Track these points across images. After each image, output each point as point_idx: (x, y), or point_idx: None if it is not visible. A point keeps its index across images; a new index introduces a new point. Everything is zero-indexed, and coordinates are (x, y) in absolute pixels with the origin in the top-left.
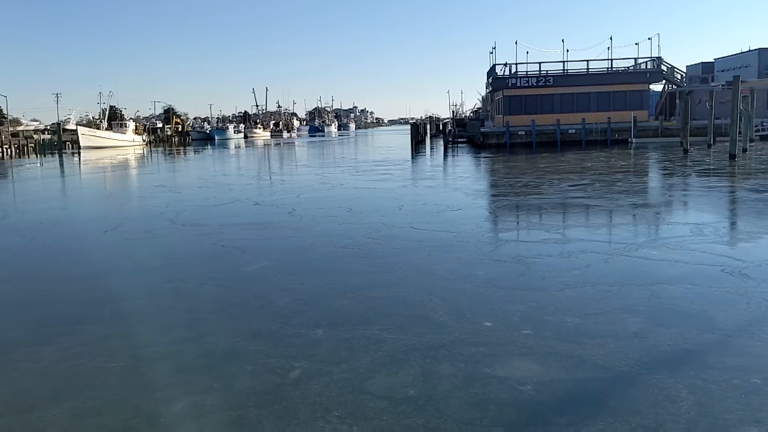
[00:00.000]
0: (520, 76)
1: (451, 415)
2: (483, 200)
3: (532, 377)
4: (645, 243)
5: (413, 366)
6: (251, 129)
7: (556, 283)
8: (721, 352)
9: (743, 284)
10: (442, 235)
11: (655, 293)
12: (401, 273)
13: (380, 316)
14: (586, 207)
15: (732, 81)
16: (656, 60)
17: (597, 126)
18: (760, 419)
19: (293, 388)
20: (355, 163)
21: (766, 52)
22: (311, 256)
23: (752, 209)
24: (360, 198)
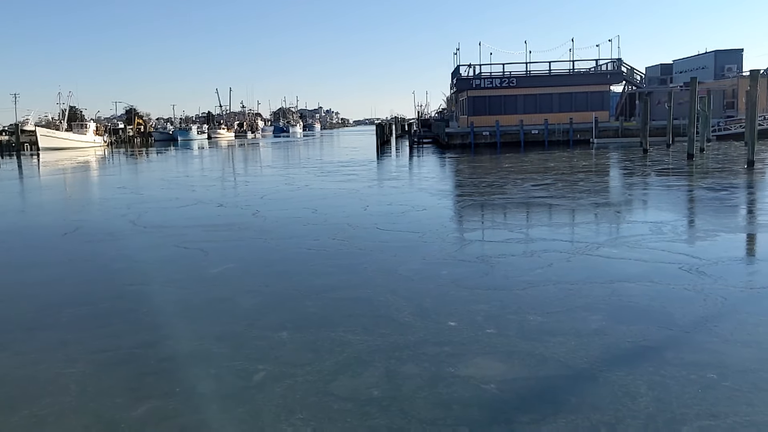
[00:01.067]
0: (484, 77)
1: (415, 416)
2: (448, 200)
3: (495, 376)
4: (606, 242)
5: (378, 367)
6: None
7: (520, 282)
8: (679, 348)
9: (700, 281)
10: (407, 235)
11: (615, 291)
12: (366, 274)
13: (345, 317)
14: (548, 206)
15: (690, 82)
16: (616, 61)
17: (559, 126)
18: (716, 413)
19: (257, 390)
20: (321, 164)
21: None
22: (276, 258)
23: (709, 207)
24: (325, 199)
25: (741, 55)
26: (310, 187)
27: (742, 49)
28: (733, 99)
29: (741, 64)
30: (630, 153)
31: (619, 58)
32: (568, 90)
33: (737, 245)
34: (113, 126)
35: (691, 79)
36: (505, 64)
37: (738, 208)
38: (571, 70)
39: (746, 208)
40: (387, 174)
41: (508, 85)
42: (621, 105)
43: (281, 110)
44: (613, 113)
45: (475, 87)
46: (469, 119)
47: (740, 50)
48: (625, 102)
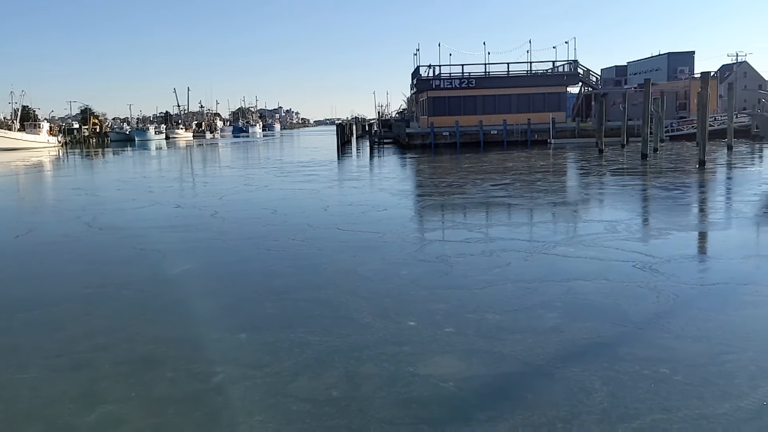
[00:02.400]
0: (443, 78)
1: (374, 415)
2: (408, 200)
3: (454, 374)
4: (562, 241)
5: (337, 367)
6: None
7: (478, 282)
8: (632, 345)
9: (653, 279)
10: (367, 235)
11: (571, 289)
12: (326, 275)
13: (304, 318)
14: (507, 206)
15: (643, 84)
16: (573, 63)
17: (518, 127)
18: (668, 407)
19: (215, 393)
20: (280, 164)
21: (675, 56)
22: (234, 259)
23: (662, 206)
24: (285, 199)
25: (692, 57)
26: (269, 187)
27: (694, 51)
28: (686, 100)
29: (693, 66)
30: (586, 153)
31: (575, 59)
32: (526, 91)
33: (689, 243)
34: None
35: (644, 80)
36: (464, 65)
37: (690, 206)
38: (529, 72)
39: (698, 207)
40: (347, 174)
41: (467, 86)
42: (577, 106)
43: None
44: (570, 114)
45: (435, 88)
46: (429, 120)
47: (692, 53)
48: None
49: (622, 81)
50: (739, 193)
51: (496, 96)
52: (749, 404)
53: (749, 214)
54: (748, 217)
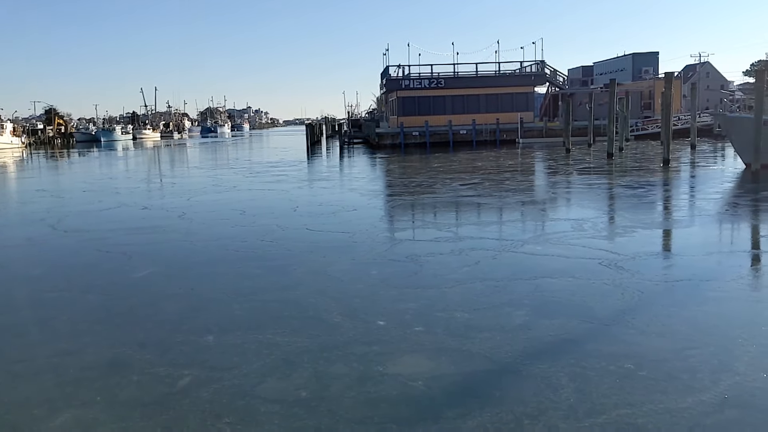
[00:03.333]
0: (413, 78)
1: (343, 415)
2: (378, 200)
3: (423, 373)
4: (530, 239)
5: (306, 368)
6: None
7: (448, 280)
8: (598, 341)
9: (619, 276)
10: (337, 236)
11: (538, 287)
12: (295, 275)
13: (273, 319)
14: (476, 205)
15: (609, 84)
16: (540, 63)
17: (487, 127)
18: (633, 402)
19: (182, 396)
20: (249, 165)
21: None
22: (202, 261)
23: (627, 204)
24: (254, 200)
25: (657, 57)
26: (238, 188)
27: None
28: (650, 100)
29: (657, 66)
30: (554, 152)
31: (543, 60)
32: (495, 91)
33: (653, 240)
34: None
35: (610, 80)
36: (433, 65)
37: (654, 205)
38: (497, 72)
39: (662, 205)
40: (317, 174)
41: (436, 86)
42: (545, 106)
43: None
44: (538, 114)
45: (404, 87)
46: (398, 119)
47: (656, 53)
48: (548, 103)
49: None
50: (702, 191)
51: (465, 96)
52: (711, 398)
53: (712, 211)
54: (710, 214)
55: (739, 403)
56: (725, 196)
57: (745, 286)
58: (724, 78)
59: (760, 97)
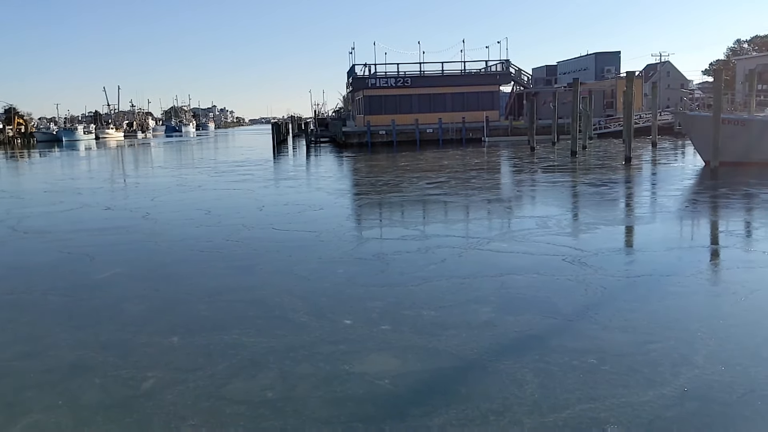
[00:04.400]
0: (379, 77)
1: (309, 415)
2: (345, 199)
3: (389, 371)
4: (496, 236)
5: (272, 368)
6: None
7: (414, 278)
8: (562, 336)
9: (582, 272)
10: (303, 235)
11: (504, 284)
12: (261, 275)
13: (239, 319)
14: (443, 203)
15: (572, 83)
16: (505, 63)
17: (453, 125)
18: (596, 397)
19: (146, 399)
20: (215, 164)
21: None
22: (167, 261)
23: (590, 202)
24: (219, 200)
25: (619, 57)
26: (203, 187)
27: (620, 51)
28: (613, 99)
29: (619, 65)
30: (519, 151)
31: (507, 59)
32: (461, 90)
33: (616, 237)
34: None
35: (573, 80)
36: (399, 64)
37: (616, 202)
38: (463, 71)
39: (624, 202)
40: (283, 173)
41: (403, 85)
42: (510, 105)
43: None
44: (503, 113)
45: (370, 86)
46: (365, 118)
47: (618, 53)
48: (513, 102)
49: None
50: (663, 189)
51: (431, 95)
52: (671, 391)
53: (672, 208)
54: (671, 211)
55: (698, 396)
56: (685, 193)
57: (704, 281)
58: (684, 77)
59: (719, 96)
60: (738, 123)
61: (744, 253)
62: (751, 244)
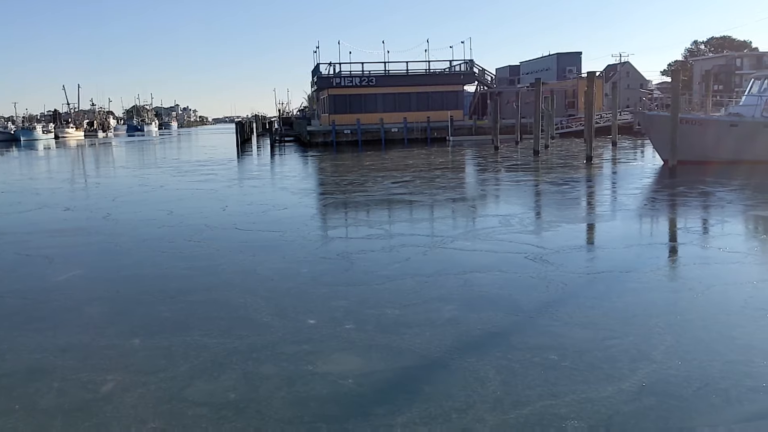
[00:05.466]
0: (344, 76)
1: (272, 416)
2: (309, 199)
3: (353, 371)
4: (460, 235)
5: (235, 369)
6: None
7: (378, 277)
8: (524, 333)
9: (544, 269)
10: (267, 234)
11: (467, 282)
12: (224, 275)
13: (201, 320)
14: (408, 203)
15: (535, 83)
16: (469, 63)
17: (418, 125)
18: (556, 393)
19: (105, 402)
20: (177, 164)
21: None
22: (128, 262)
23: (552, 200)
24: (182, 200)
25: (580, 57)
26: (165, 187)
27: (581, 52)
28: (574, 99)
29: (580, 65)
30: (483, 150)
31: (471, 59)
32: (425, 89)
33: (577, 235)
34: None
35: (535, 80)
36: (364, 63)
37: (578, 200)
38: (427, 71)
39: (585, 201)
40: (247, 173)
41: (367, 84)
42: (474, 104)
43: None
44: (467, 112)
45: (335, 85)
46: (330, 117)
47: (579, 53)
48: (477, 101)
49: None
50: (622, 187)
51: (396, 94)
52: (630, 386)
53: (632, 206)
54: (630, 209)
55: (656, 391)
56: (644, 192)
57: (662, 277)
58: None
59: (676, 96)
60: (695, 123)
61: (701, 250)
62: (707, 241)
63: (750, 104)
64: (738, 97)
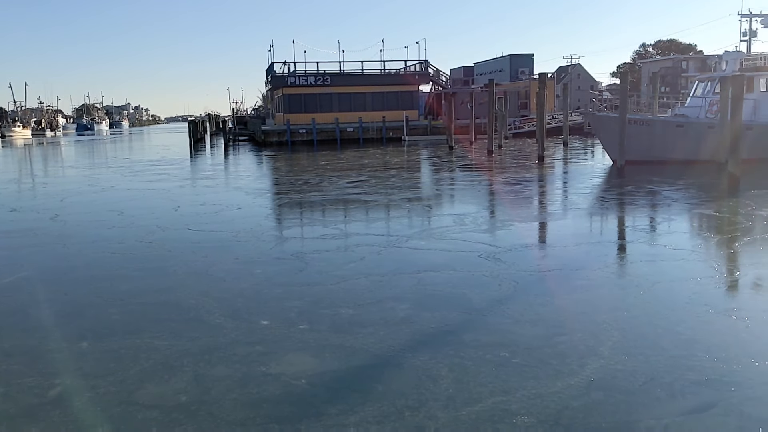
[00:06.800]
0: (299, 75)
1: (224, 418)
2: (264, 199)
3: (306, 371)
4: (414, 234)
5: (186, 372)
6: (8, 128)
7: (333, 277)
8: (476, 331)
9: (496, 267)
10: (220, 235)
11: (421, 281)
12: (176, 277)
13: (152, 323)
14: (363, 202)
15: (488, 84)
16: (423, 63)
17: (373, 125)
18: (507, 389)
19: (52, 407)
20: (129, 163)
21: (517, 58)
22: (76, 264)
23: (505, 199)
24: (133, 200)
25: (532, 59)
26: (116, 188)
27: (533, 53)
28: (527, 99)
29: (532, 67)
30: (438, 150)
31: (426, 60)
32: (380, 89)
33: (529, 233)
34: None
35: (489, 81)
36: (319, 62)
37: (530, 199)
38: (383, 71)
39: (537, 200)
40: (200, 173)
41: (323, 84)
42: (429, 104)
43: (85, 106)
44: (422, 112)
45: (290, 84)
46: (285, 117)
47: (531, 55)
48: (432, 101)
49: (469, 81)
50: (573, 187)
51: (351, 94)
52: (578, 381)
53: (582, 205)
54: (581, 208)
55: (603, 386)
56: (594, 191)
57: (610, 274)
58: (593, 79)
59: (624, 97)
60: (643, 123)
61: (647, 247)
62: (654, 238)
63: (695, 105)
64: (684, 99)
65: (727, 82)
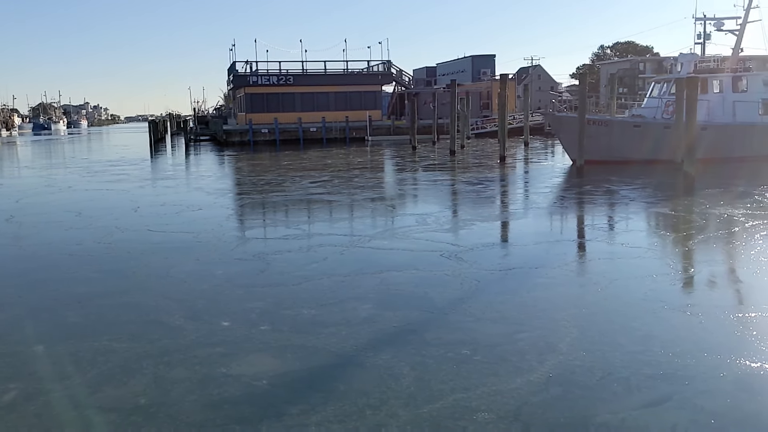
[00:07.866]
0: (261, 74)
1: (184, 420)
2: (225, 199)
3: (267, 372)
4: (377, 234)
5: (145, 374)
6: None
7: (295, 278)
8: (438, 329)
9: (458, 266)
10: (180, 236)
11: (384, 280)
12: (135, 278)
13: (110, 325)
14: (326, 202)
15: (450, 84)
16: (386, 63)
17: (336, 125)
18: (468, 387)
19: (7, 411)
20: (87, 164)
21: (478, 59)
22: (32, 266)
23: (467, 199)
24: (91, 201)
25: (494, 60)
26: (74, 188)
27: (495, 54)
28: (488, 100)
29: (494, 68)
30: (401, 150)
31: (389, 60)
32: (343, 89)
33: (490, 232)
34: None
35: (451, 81)
36: (281, 62)
37: (492, 199)
38: (346, 70)
39: (498, 199)
40: (160, 173)
41: (285, 83)
42: (392, 105)
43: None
44: (386, 112)
45: (252, 84)
46: (247, 116)
47: (493, 56)
48: (395, 102)
49: (432, 81)
50: (533, 186)
51: (314, 93)
52: (537, 378)
53: (542, 204)
54: (541, 207)
55: (562, 381)
56: (554, 191)
57: (569, 272)
58: (553, 80)
59: (583, 98)
60: (601, 123)
61: (606, 246)
62: (612, 237)
63: (651, 106)
64: (641, 100)
65: (682, 84)
